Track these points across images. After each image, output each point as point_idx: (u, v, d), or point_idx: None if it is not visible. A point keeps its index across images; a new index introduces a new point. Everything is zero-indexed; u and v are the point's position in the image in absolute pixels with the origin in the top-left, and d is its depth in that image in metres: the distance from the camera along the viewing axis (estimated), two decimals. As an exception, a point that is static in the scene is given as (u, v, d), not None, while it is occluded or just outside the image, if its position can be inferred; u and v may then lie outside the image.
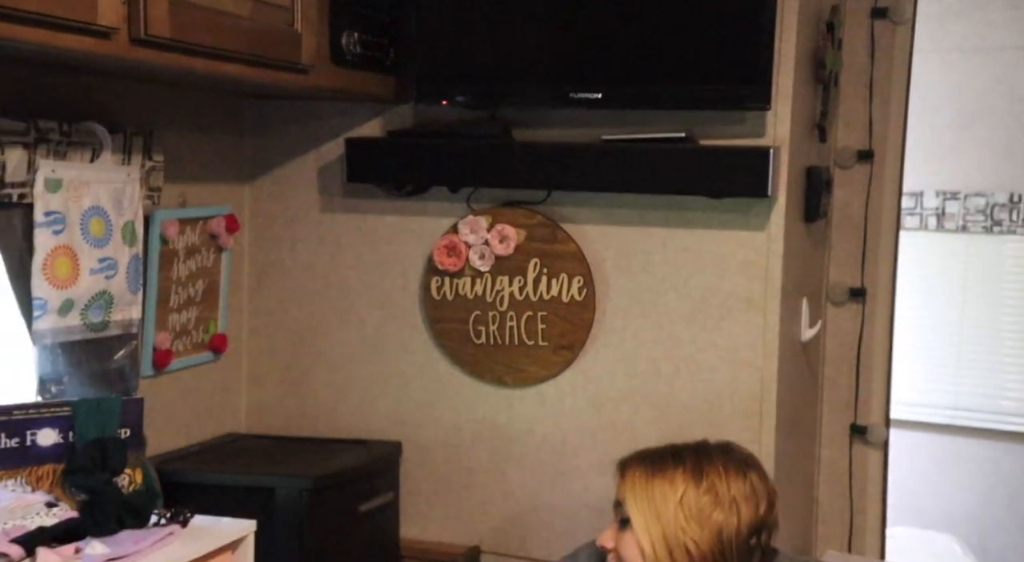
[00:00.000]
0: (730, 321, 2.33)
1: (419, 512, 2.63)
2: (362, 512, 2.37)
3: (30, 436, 1.72)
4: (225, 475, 2.29)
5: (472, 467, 2.59)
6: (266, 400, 2.75)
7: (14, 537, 1.38)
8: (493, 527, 2.58)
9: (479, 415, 2.57)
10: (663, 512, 1.76)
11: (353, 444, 2.57)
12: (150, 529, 1.75)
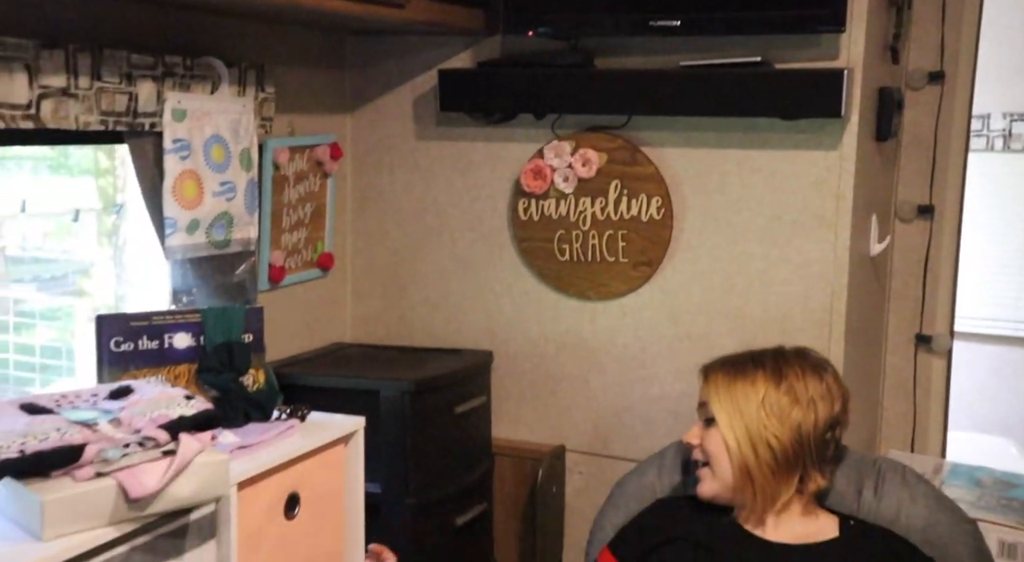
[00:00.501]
0: (802, 237, 2.33)
1: (509, 414, 2.69)
2: (457, 413, 2.41)
3: (167, 339, 1.77)
4: (335, 378, 2.35)
5: (557, 374, 2.63)
6: (369, 313, 2.82)
7: (160, 424, 1.43)
8: (577, 428, 2.63)
9: (564, 327, 2.61)
10: (746, 411, 1.76)
11: (448, 352, 2.61)
12: (273, 423, 1.79)
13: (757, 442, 1.75)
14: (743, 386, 1.79)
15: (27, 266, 2.29)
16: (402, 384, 2.27)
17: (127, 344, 1.73)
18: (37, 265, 2.31)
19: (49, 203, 2.21)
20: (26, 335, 2.30)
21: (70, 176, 2.26)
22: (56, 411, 1.48)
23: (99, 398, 1.55)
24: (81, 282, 2.33)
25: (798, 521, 1.79)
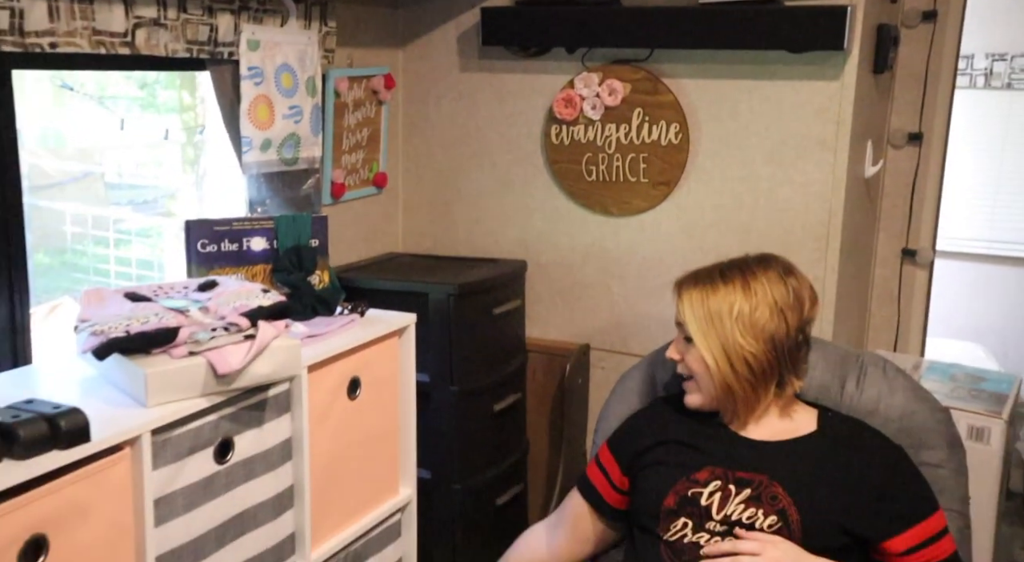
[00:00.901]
0: (804, 160, 2.30)
1: (540, 316, 2.71)
2: (495, 314, 2.43)
3: (245, 242, 1.78)
4: (389, 282, 2.36)
5: (583, 281, 2.64)
6: (418, 226, 2.83)
7: (242, 312, 1.45)
8: (600, 329, 2.64)
9: (590, 239, 2.61)
10: (720, 330, 1.65)
11: (487, 262, 2.62)
12: (336, 317, 1.82)
13: (734, 359, 1.65)
14: (715, 303, 1.68)
15: (123, 191, 2.32)
16: (447, 288, 2.28)
17: (211, 246, 1.75)
18: (132, 190, 2.33)
19: (141, 135, 2.23)
20: (124, 250, 2.33)
21: (157, 114, 2.27)
22: (154, 299, 1.50)
23: (190, 290, 1.58)
24: (168, 204, 2.35)
25: (778, 420, 1.71)
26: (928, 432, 1.77)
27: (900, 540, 1.56)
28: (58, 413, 1.18)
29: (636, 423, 1.85)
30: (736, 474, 1.63)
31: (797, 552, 1.54)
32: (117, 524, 1.28)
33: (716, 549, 1.57)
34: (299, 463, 1.62)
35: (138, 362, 1.35)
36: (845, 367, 1.86)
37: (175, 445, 1.37)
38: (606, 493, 1.81)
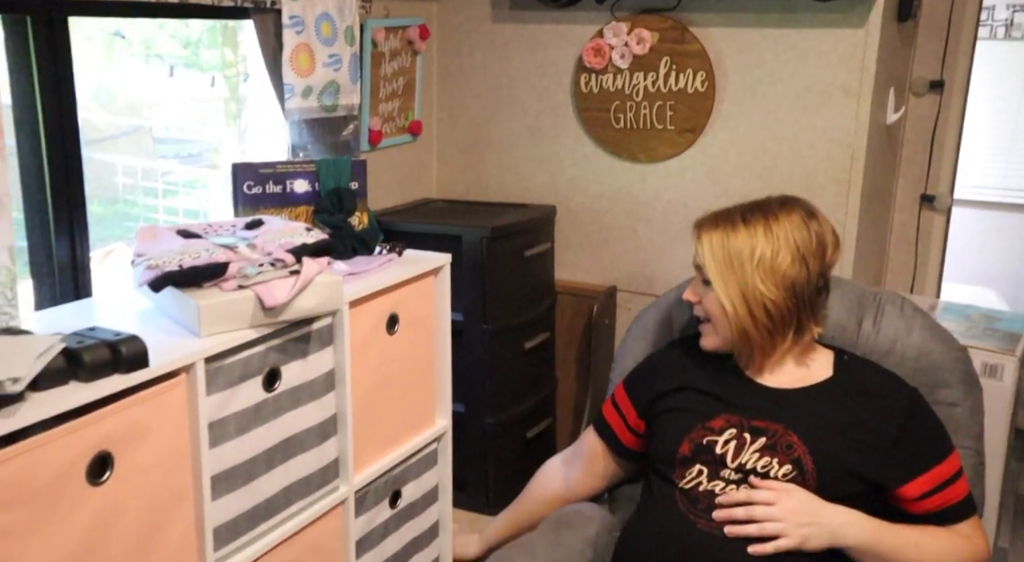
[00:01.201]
0: (828, 107, 2.28)
1: (569, 259, 2.71)
2: (526, 256, 2.44)
3: (289, 184, 1.78)
4: (424, 225, 2.38)
5: (611, 225, 2.64)
6: (451, 173, 2.83)
7: (287, 249, 1.46)
8: (626, 271, 2.65)
9: (617, 185, 2.61)
10: (739, 275, 1.57)
11: (518, 207, 2.63)
12: (375, 256, 1.81)
13: (753, 305, 1.56)
14: (735, 247, 1.58)
15: (170, 145, 2.33)
16: (480, 230, 2.28)
17: (257, 188, 1.76)
18: (178, 144, 2.34)
19: (187, 89, 2.24)
20: (171, 200, 2.36)
21: (201, 71, 2.27)
22: (205, 236, 1.52)
23: (237, 228, 1.59)
24: (213, 157, 2.36)
25: (795, 366, 1.64)
26: (945, 371, 1.71)
27: (914, 485, 1.53)
28: (119, 340, 1.20)
29: (652, 367, 1.79)
30: (751, 423, 1.58)
31: (812, 500, 1.50)
32: (175, 445, 1.31)
33: (731, 498, 1.53)
34: (341, 393, 1.64)
35: (191, 295, 1.37)
36: (863, 306, 1.80)
37: (226, 373, 1.39)
38: (621, 433, 1.79)
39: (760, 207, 1.63)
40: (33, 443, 1.09)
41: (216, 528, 1.42)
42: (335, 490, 1.66)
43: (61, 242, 1.73)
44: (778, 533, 1.47)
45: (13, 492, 1.08)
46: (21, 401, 1.10)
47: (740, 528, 1.49)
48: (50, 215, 1.71)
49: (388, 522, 1.82)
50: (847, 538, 1.48)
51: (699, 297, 1.66)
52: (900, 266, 2.82)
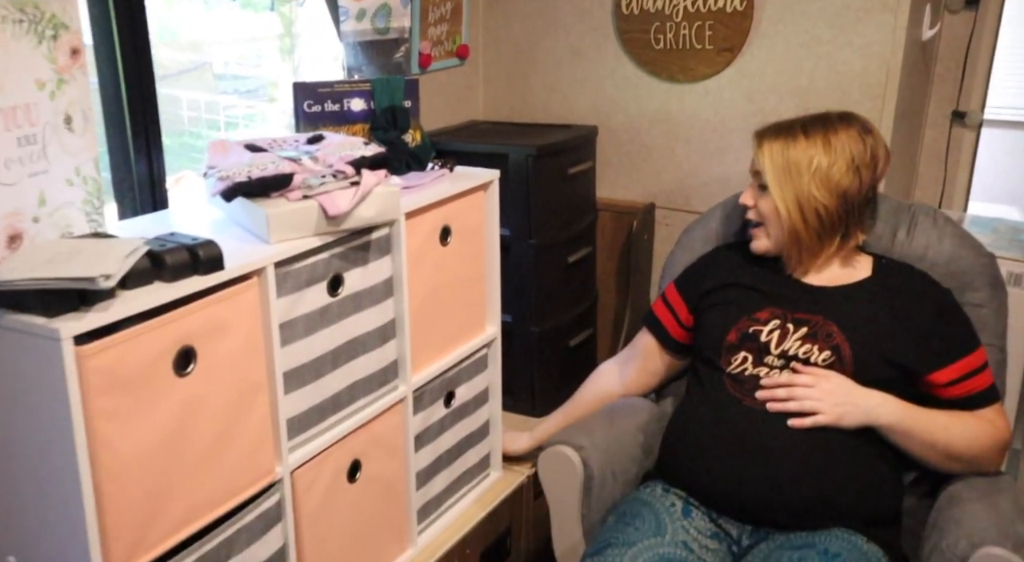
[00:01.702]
0: (865, 23, 2.20)
1: (610, 178, 2.69)
2: (569, 174, 2.41)
3: (346, 103, 1.77)
4: (473, 145, 2.35)
5: (650, 144, 2.60)
6: (497, 95, 2.80)
7: (347, 161, 1.46)
8: (664, 189, 2.62)
9: (656, 105, 2.56)
10: (797, 182, 1.61)
11: (561, 127, 2.58)
12: (428, 172, 1.81)
13: (806, 210, 1.61)
14: (794, 156, 1.62)
15: (229, 81, 2.33)
16: (526, 149, 2.26)
17: (316, 106, 1.75)
18: (236, 81, 2.34)
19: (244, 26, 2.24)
20: (232, 133, 2.36)
21: (255, 12, 2.26)
22: (270, 150, 1.53)
23: (300, 143, 1.59)
24: (271, 91, 2.36)
25: (838, 268, 1.69)
26: (973, 275, 1.74)
27: (945, 372, 1.57)
28: (196, 244, 1.22)
29: (702, 266, 1.84)
30: (794, 314, 1.63)
31: (848, 384, 1.55)
32: (250, 342, 1.34)
33: (774, 381, 1.59)
34: (399, 299, 1.66)
35: (259, 204, 1.38)
36: (897, 217, 1.83)
37: (294, 277, 1.42)
38: (671, 327, 1.84)
39: (820, 120, 1.66)
40: (125, 336, 1.13)
41: (289, 419, 1.46)
42: (395, 389, 1.70)
43: (139, 161, 1.75)
44: (815, 410, 1.53)
45: (109, 379, 1.12)
46: (112, 298, 1.13)
47: (781, 405, 1.56)
48: (129, 137, 1.74)
49: (443, 420, 1.86)
50: (880, 417, 1.53)
51: (755, 201, 1.70)
52: (929, 181, 2.75)
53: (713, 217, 1.99)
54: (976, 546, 1.37)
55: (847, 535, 1.47)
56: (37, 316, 1.07)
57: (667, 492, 1.63)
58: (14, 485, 1.18)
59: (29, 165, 1.18)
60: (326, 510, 1.56)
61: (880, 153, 1.65)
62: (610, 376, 1.95)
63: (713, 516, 1.60)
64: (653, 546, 1.48)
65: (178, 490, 1.25)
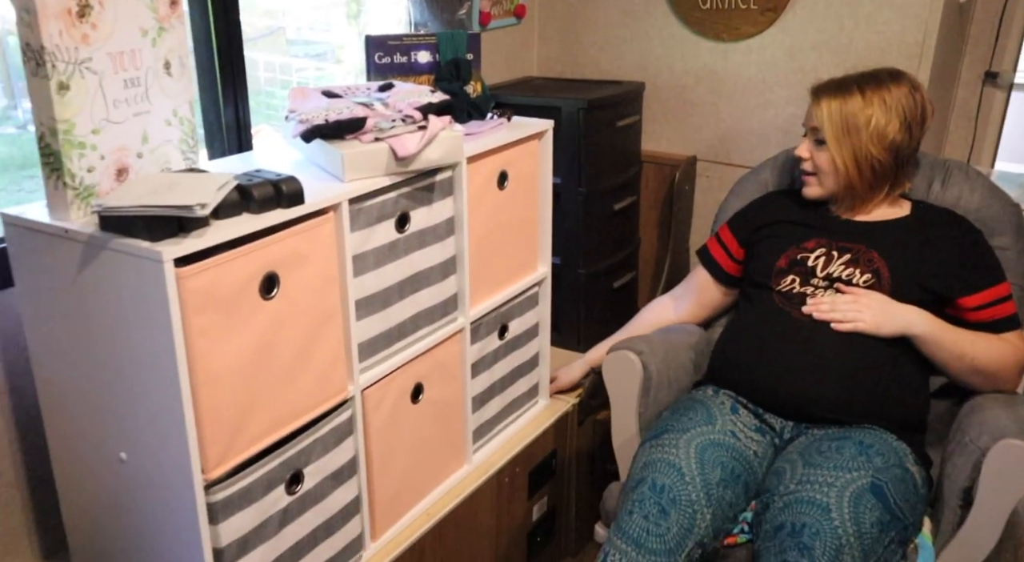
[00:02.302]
0: (905, -17, 2.15)
1: (655, 131, 2.66)
2: (618, 127, 2.40)
3: (413, 55, 1.77)
4: (528, 98, 2.35)
5: (694, 100, 2.57)
6: (550, 53, 2.77)
7: (415, 107, 1.46)
8: (707, 143, 2.60)
9: (701, 63, 2.52)
10: (855, 139, 1.63)
11: (611, 83, 2.57)
12: (487, 121, 1.80)
13: (863, 165, 1.64)
14: (853, 114, 1.64)
15: (300, 46, 2.34)
16: (578, 102, 2.25)
17: (386, 58, 1.76)
18: (307, 45, 2.35)
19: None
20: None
21: None
22: (345, 97, 1.54)
23: (372, 90, 1.60)
24: (338, 54, 2.36)
25: (881, 209, 1.73)
26: (1000, 222, 1.77)
27: (974, 298, 1.61)
28: (280, 179, 1.25)
29: (754, 207, 1.89)
30: (839, 243, 1.69)
31: (885, 299, 1.61)
32: (326, 271, 1.37)
33: (819, 298, 1.64)
34: (460, 237, 1.68)
35: (335, 145, 1.40)
36: (933, 171, 1.85)
37: (366, 214, 1.44)
38: (723, 262, 1.89)
39: (874, 78, 1.66)
40: (218, 261, 1.16)
41: (360, 344, 1.49)
42: (454, 320, 1.72)
43: (227, 107, 1.78)
44: (856, 318, 1.59)
45: (204, 299, 1.15)
46: (207, 226, 1.16)
47: (825, 315, 1.62)
48: (218, 86, 1.77)
49: (497, 351, 1.89)
50: (914, 328, 1.59)
51: (811, 155, 1.72)
52: (959, 140, 2.68)
53: (765, 169, 2.02)
54: (997, 439, 1.43)
55: (879, 432, 1.54)
56: (142, 240, 1.10)
57: (717, 393, 1.70)
58: (124, 392, 1.23)
59: (134, 105, 1.21)
60: (392, 427, 1.60)
61: (928, 109, 1.66)
62: (664, 308, 1.99)
63: (759, 413, 1.66)
64: (705, 433, 1.55)
65: (263, 402, 1.29)
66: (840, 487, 1.39)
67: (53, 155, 1.14)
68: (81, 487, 1.38)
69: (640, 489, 1.47)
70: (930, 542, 1.53)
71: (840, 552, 1.32)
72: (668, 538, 1.41)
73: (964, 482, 1.48)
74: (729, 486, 1.50)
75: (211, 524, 1.25)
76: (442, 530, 1.73)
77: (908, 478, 1.47)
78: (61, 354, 1.29)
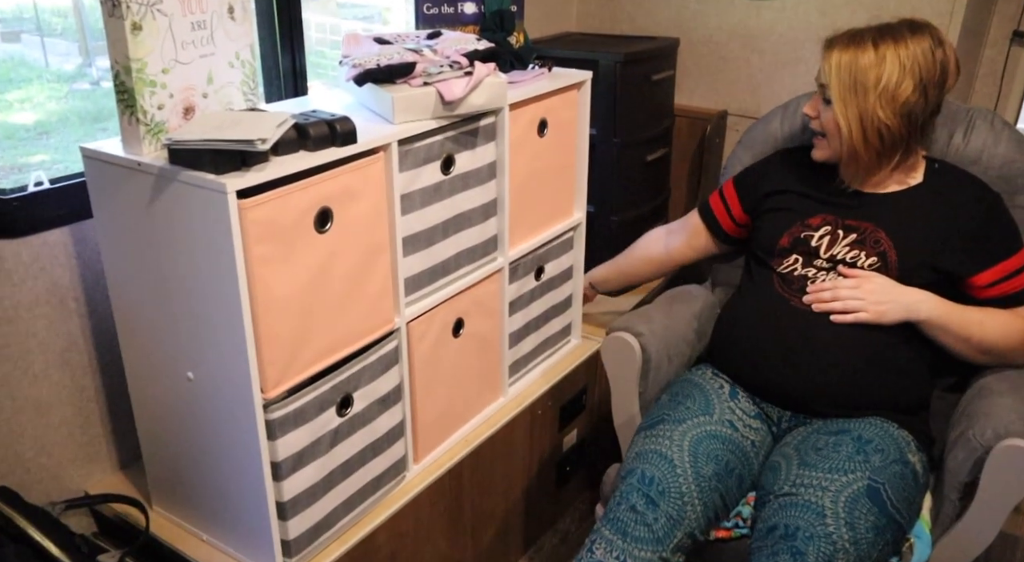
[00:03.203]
0: (939, -60, 2.07)
1: (688, 86, 2.62)
2: (653, 80, 2.35)
3: (459, 6, 1.76)
4: (567, 51, 2.30)
5: (727, 56, 2.52)
6: (589, 9, 2.72)
7: (462, 53, 1.45)
8: (737, 97, 2.54)
9: (735, 19, 2.46)
10: (861, 100, 1.43)
11: (646, 39, 2.50)
12: (529, 70, 1.78)
13: (868, 129, 1.44)
14: (861, 72, 1.43)
15: (349, 8, 2.32)
16: (615, 56, 2.21)
17: (434, 9, 1.74)
18: (355, 8, 2.33)
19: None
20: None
21: None
22: (395, 43, 1.53)
23: (421, 38, 1.59)
24: (384, 15, 2.34)
25: (892, 179, 1.55)
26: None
27: (985, 275, 1.49)
28: (335, 119, 1.25)
29: (762, 169, 1.74)
30: (845, 221, 1.55)
31: (890, 283, 1.48)
32: (376, 209, 1.38)
33: (820, 284, 1.53)
34: (501, 181, 1.68)
35: (386, 89, 1.40)
36: (955, 120, 1.68)
37: (413, 155, 1.44)
38: (722, 219, 1.79)
39: (891, 31, 1.45)
40: (277, 194, 1.17)
41: (406, 278, 1.51)
42: (494, 260, 1.73)
43: (284, 54, 1.78)
44: (858, 308, 1.47)
45: (265, 229, 1.17)
46: (267, 162, 1.17)
47: (826, 305, 1.50)
48: (277, 33, 1.76)
49: (533, 291, 1.89)
50: (920, 312, 1.47)
51: (818, 113, 1.56)
52: (983, 99, 2.60)
53: (775, 118, 1.86)
54: (1001, 437, 1.32)
55: (879, 422, 1.45)
56: (208, 173, 1.12)
57: (716, 376, 1.62)
58: (191, 316, 1.26)
59: (200, 47, 1.21)
60: (434, 358, 1.62)
61: (950, 68, 1.46)
62: (657, 242, 1.92)
63: (756, 400, 1.58)
64: (702, 424, 1.47)
65: (317, 329, 1.32)
66: (835, 491, 1.30)
67: (127, 92, 1.15)
68: (153, 403, 1.43)
69: (629, 480, 1.39)
70: (927, 529, 1.44)
71: (834, 558, 1.23)
72: (656, 528, 1.33)
73: (964, 477, 1.38)
74: (722, 480, 1.41)
75: (269, 440, 1.28)
76: (479, 456, 1.77)
77: (907, 473, 1.37)
78: (134, 280, 1.32)
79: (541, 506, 2.06)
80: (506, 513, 1.92)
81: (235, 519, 1.38)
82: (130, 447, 1.67)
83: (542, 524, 2.09)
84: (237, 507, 1.36)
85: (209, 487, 1.40)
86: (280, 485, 1.32)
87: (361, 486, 1.49)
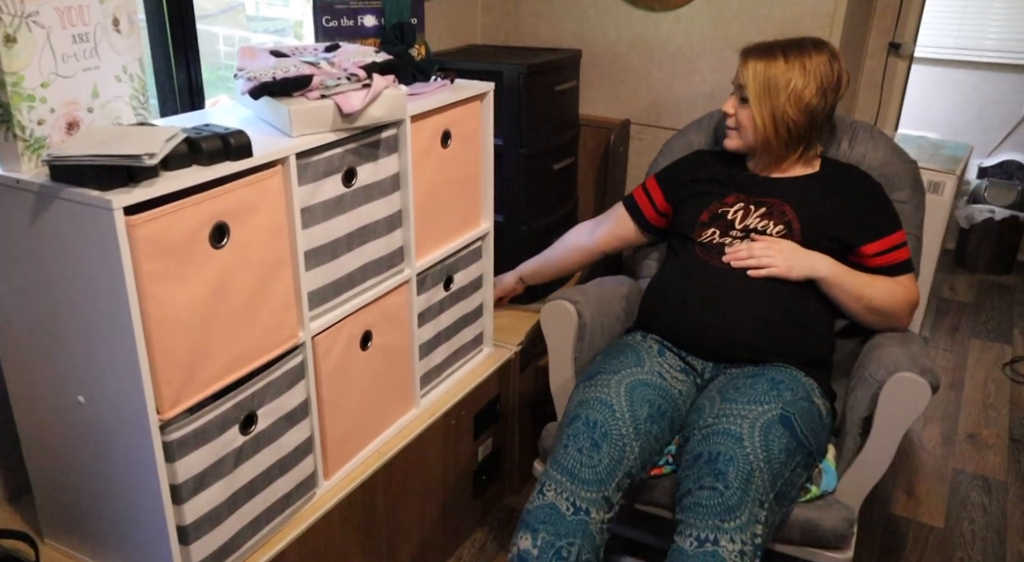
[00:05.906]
0: (819, -42, 2.17)
1: (591, 96, 2.66)
2: (556, 91, 2.36)
3: (359, 19, 1.75)
4: (471, 63, 2.29)
5: (627, 67, 2.57)
6: (493, 22, 2.74)
7: (360, 65, 1.43)
8: (639, 107, 2.60)
9: (634, 32, 2.52)
10: (774, 99, 1.67)
11: (549, 50, 2.52)
12: (431, 83, 1.77)
13: (779, 124, 1.69)
14: (774, 77, 1.67)
15: (260, 22, 2.28)
16: (518, 68, 2.22)
17: (333, 21, 1.72)
18: (266, 21, 2.29)
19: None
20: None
21: None
22: (292, 56, 1.50)
23: (319, 50, 1.57)
24: (296, 31, 2.31)
25: (795, 168, 1.78)
26: (900, 178, 1.83)
27: (873, 245, 1.68)
28: (228, 133, 1.22)
29: (683, 164, 1.93)
30: (756, 199, 1.75)
31: (795, 246, 1.67)
32: (276, 223, 1.35)
33: (737, 246, 1.70)
34: (405, 193, 1.66)
35: (283, 102, 1.37)
36: (842, 130, 1.91)
37: (313, 168, 1.42)
38: (645, 209, 1.96)
39: (797, 45, 1.70)
40: (167, 209, 1.13)
41: (310, 292, 1.48)
42: (401, 271, 1.71)
43: (179, 68, 1.73)
44: (769, 264, 1.65)
45: (155, 246, 1.13)
46: (156, 176, 1.13)
47: (742, 261, 1.68)
48: (170, 46, 1.70)
49: (443, 301, 1.89)
50: (819, 270, 1.65)
51: (735, 110, 1.76)
52: (866, 106, 2.74)
53: (690, 130, 2.07)
54: (891, 372, 1.50)
55: (788, 369, 1.60)
56: (92, 190, 1.07)
57: (645, 338, 1.75)
58: (80, 338, 1.20)
59: (83, 61, 1.16)
60: (342, 372, 1.60)
61: (844, 78, 1.70)
62: (584, 231, 2.07)
63: (683, 355, 1.71)
64: (635, 374, 1.59)
65: (217, 346, 1.28)
66: (752, 419, 1.44)
67: (2, 106, 1.10)
68: (42, 430, 1.36)
69: (575, 425, 1.51)
70: (833, 467, 1.60)
71: (751, 476, 1.38)
72: (600, 469, 1.45)
73: (863, 412, 1.55)
74: (656, 421, 1.54)
75: (168, 462, 1.24)
76: (392, 469, 1.74)
77: (814, 410, 1.53)
78: (18, 302, 1.26)
79: (458, 517, 2.05)
80: (423, 526, 1.90)
81: (134, 546, 1.33)
82: (18, 480, 1.58)
83: (460, 535, 2.08)
84: (136, 533, 1.31)
85: (105, 514, 1.34)
86: (181, 508, 1.27)
87: (268, 505, 1.45)
